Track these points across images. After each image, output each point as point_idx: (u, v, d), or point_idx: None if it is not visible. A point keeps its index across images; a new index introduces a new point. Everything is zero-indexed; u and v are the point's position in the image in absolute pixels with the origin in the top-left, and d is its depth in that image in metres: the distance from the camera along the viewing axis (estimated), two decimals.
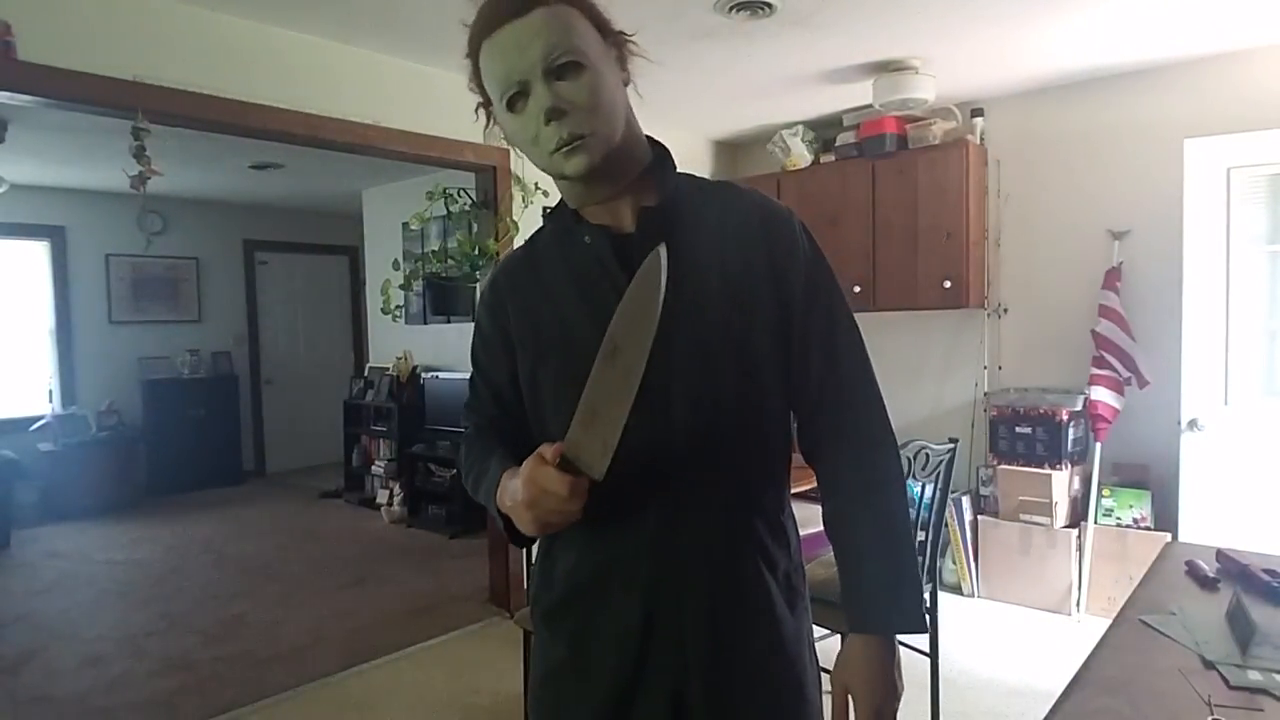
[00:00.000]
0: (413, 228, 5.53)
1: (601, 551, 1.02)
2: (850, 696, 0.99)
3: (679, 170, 1.07)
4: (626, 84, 1.03)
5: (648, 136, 1.06)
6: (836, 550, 1.05)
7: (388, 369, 5.99)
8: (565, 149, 0.93)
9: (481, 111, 1.03)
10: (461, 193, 3.73)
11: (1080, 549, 3.57)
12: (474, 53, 0.97)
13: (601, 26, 0.99)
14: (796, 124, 4.41)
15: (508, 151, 3.67)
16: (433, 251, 3.88)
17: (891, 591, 1.00)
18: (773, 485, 1.06)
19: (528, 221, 3.77)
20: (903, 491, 1.04)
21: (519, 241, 4.26)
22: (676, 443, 0.98)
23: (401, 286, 4.12)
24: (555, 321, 1.04)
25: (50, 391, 6.17)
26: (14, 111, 3.88)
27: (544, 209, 3.85)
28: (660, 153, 1.06)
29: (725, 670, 1.00)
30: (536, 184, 3.76)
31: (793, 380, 1.04)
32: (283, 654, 3.41)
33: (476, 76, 0.99)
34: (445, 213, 3.71)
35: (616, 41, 1.02)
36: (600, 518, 0.98)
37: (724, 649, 1.00)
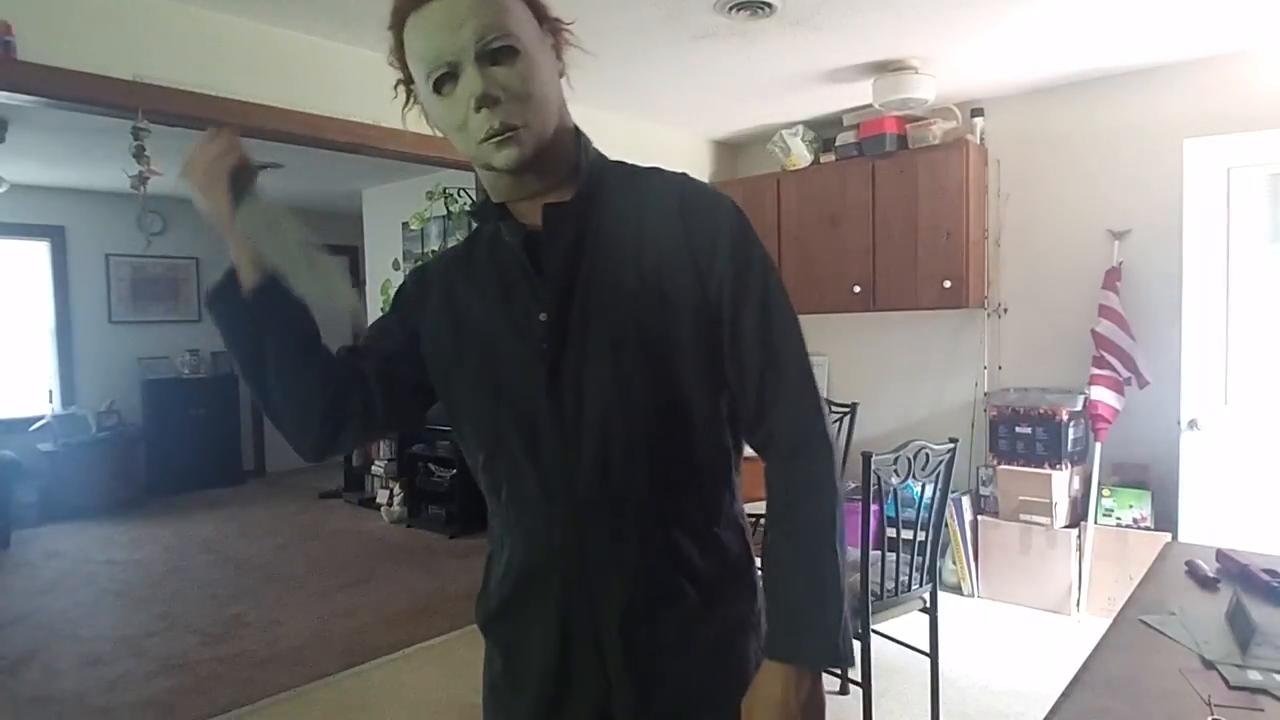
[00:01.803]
0: (413, 228, 5.54)
1: (523, 562, 0.99)
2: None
3: (618, 160, 1.03)
4: (562, 74, 0.97)
5: (575, 129, 1.00)
6: (762, 564, 0.98)
7: None
8: (495, 139, 0.88)
9: (401, 89, 0.97)
10: (461, 193, 3.73)
11: (1080, 549, 3.57)
12: (398, 25, 0.91)
13: (538, 11, 0.94)
14: (796, 124, 4.41)
15: None
16: (433, 251, 3.88)
17: (802, 617, 0.91)
18: (700, 494, 0.98)
19: None
20: (831, 503, 0.94)
21: None
22: (586, 453, 0.93)
23: None
24: (477, 322, 1.00)
25: (50, 391, 6.17)
26: (14, 111, 3.88)
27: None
28: (582, 144, 1.00)
29: (647, 685, 0.96)
30: None
31: (730, 385, 0.97)
32: (283, 654, 3.41)
33: (398, 51, 0.93)
34: (445, 213, 3.72)
35: (553, 28, 0.96)
36: (521, 525, 0.99)
37: (642, 664, 0.95)
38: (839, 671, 2.78)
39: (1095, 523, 3.55)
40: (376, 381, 1.02)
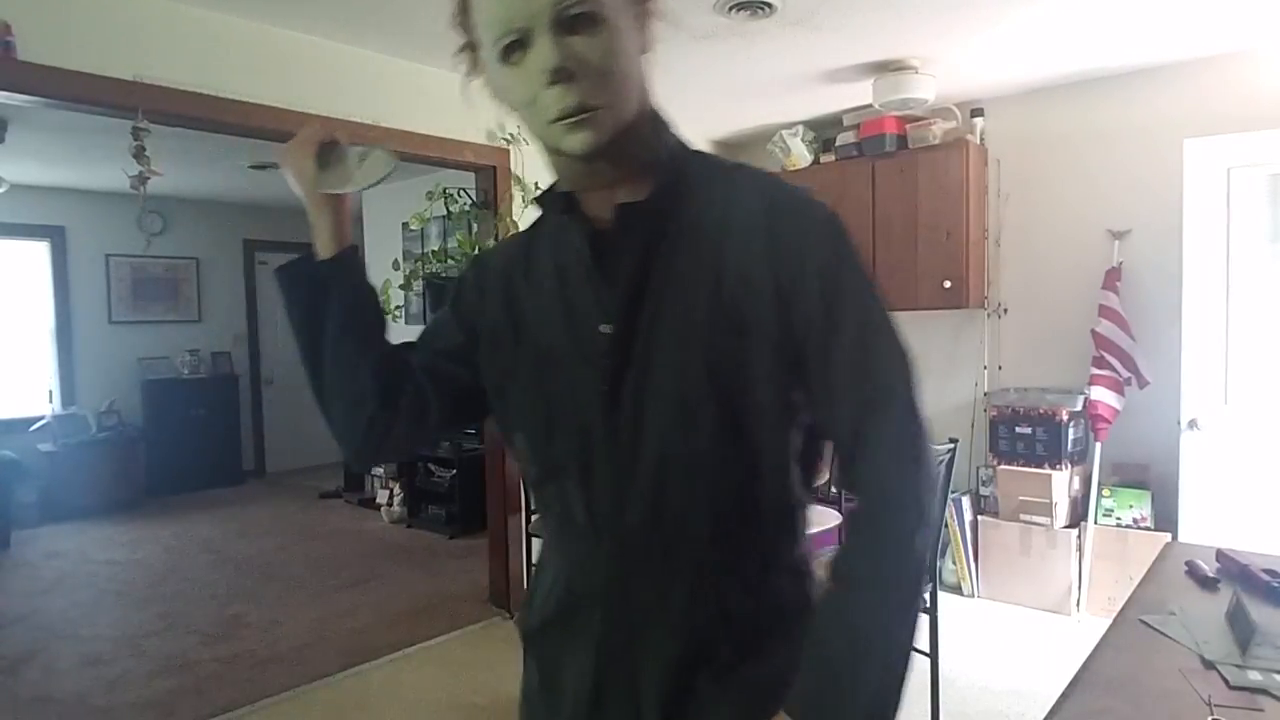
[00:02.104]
0: (413, 228, 5.53)
1: (566, 589, 0.91)
2: None
3: (699, 150, 0.91)
4: (646, 50, 0.84)
5: (658, 112, 0.88)
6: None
7: None
8: (568, 120, 0.76)
9: (466, 55, 0.87)
10: (461, 193, 3.73)
11: (1080, 549, 3.57)
12: None
13: None
14: (796, 124, 4.41)
15: (508, 151, 3.67)
16: (432, 251, 3.88)
17: (835, 683, 0.78)
18: (759, 541, 0.87)
19: (528, 221, 3.75)
20: (907, 574, 0.80)
21: None
22: (639, 487, 0.83)
23: (401, 286, 4.13)
24: (533, 329, 0.90)
25: (50, 391, 6.17)
26: (14, 111, 3.88)
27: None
28: (671, 134, 0.89)
29: None
30: (536, 184, 3.75)
31: (819, 420, 0.84)
32: (283, 654, 3.40)
33: (462, 13, 0.83)
34: (445, 213, 3.71)
35: None
36: (567, 550, 0.92)
37: (674, 715, 0.86)
38: None
39: (1095, 523, 3.55)
40: (428, 378, 0.95)
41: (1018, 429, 3.68)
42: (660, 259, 0.83)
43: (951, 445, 2.49)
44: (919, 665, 2.68)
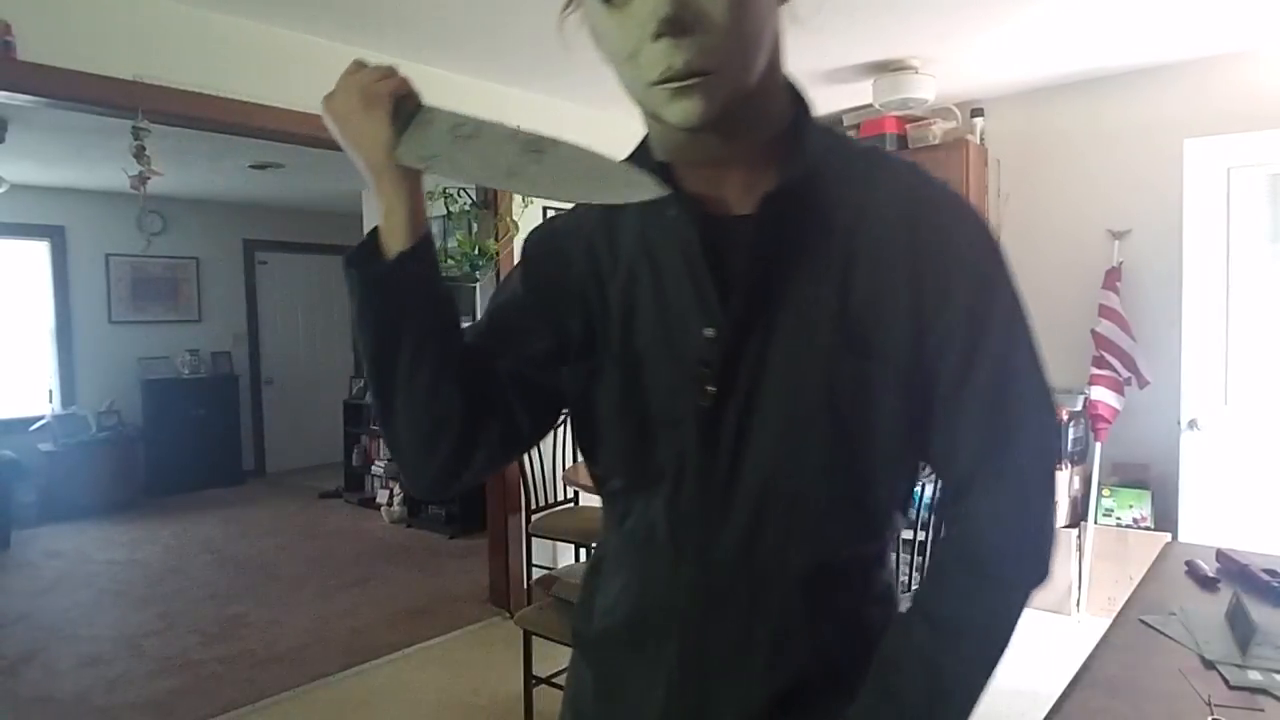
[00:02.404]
0: None
1: (636, 608, 0.81)
2: None
3: (827, 127, 0.75)
4: (782, 1, 0.69)
5: (790, 81, 0.74)
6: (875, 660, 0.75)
7: None
8: (675, 84, 0.63)
9: None
10: (461, 192, 3.73)
11: (1080, 549, 3.57)
12: None
13: None
14: None
15: None
16: None
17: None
18: (854, 578, 0.79)
19: (528, 221, 3.76)
20: (1007, 631, 0.72)
21: (518, 240, 4.22)
22: (734, 519, 0.74)
23: None
24: (623, 314, 0.77)
25: (50, 391, 6.17)
26: (14, 111, 3.88)
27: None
28: (800, 109, 0.74)
29: None
30: None
31: (934, 454, 0.75)
32: (283, 654, 3.41)
33: None
34: (445, 212, 3.71)
35: None
36: (641, 569, 0.81)
37: None
38: None
39: (1095, 523, 3.55)
40: (518, 392, 0.80)
41: None
42: (783, 260, 0.71)
43: None
44: None
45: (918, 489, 2.61)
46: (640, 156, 0.76)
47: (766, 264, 0.71)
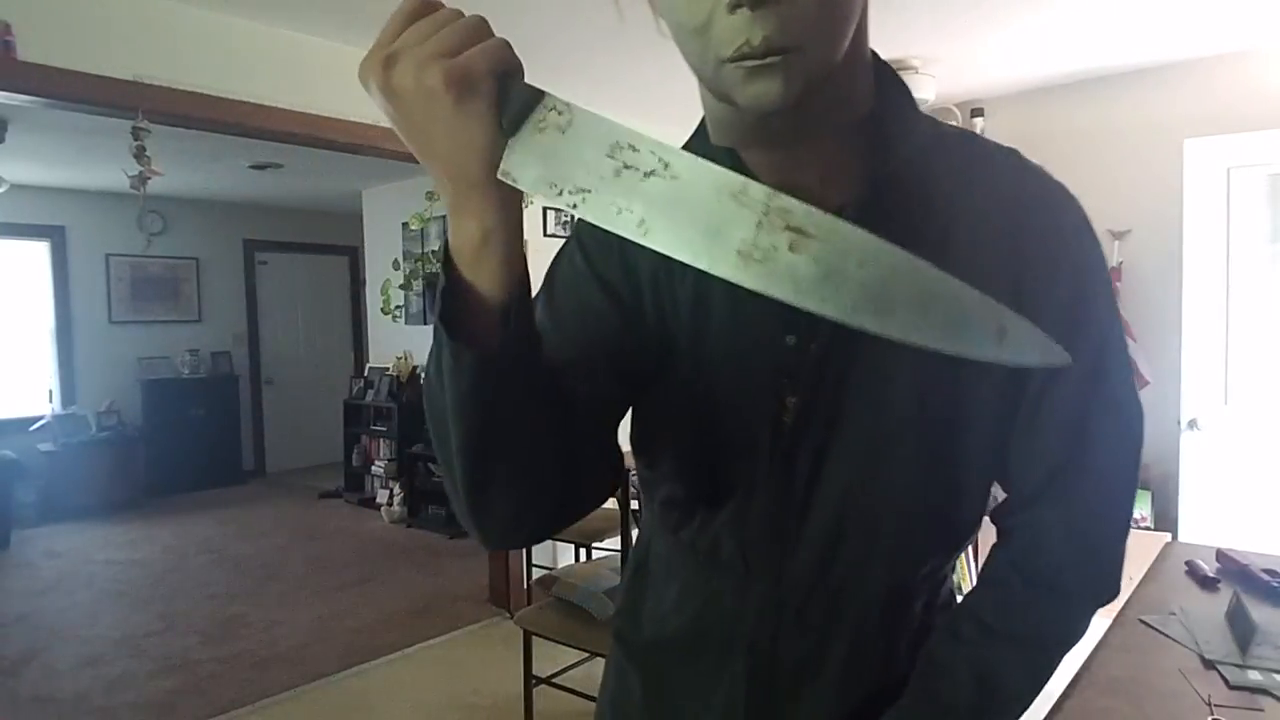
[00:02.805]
0: (413, 228, 5.54)
1: (695, 623, 0.77)
2: None
3: (919, 111, 0.67)
4: None
5: (875, 58, 0.66)
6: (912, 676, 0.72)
7: (388, 369, 6.00)
8: (753, 62, 0.53)
9: None
10: None
11: None
12: None
13: None
14: None
15: None
16: (433, 251, 3.88)
17: None
18: (927, 593, 0.75)
19: (528, 221, 3.74)
20: (1045, 668, 0.70)
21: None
22: (809, 539, 0.70)
23: (401, 286, 4.13)
24: (692, 314, 0.69)
25: (50, 391, 6.17)
26: (14, 111, 3.88)
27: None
28: (890, 89, 0.66)
29: None
30: None
31: (1010, 462, 0.70)
32: (283, 654, 3.41)
33: None
34: (445, 213, 3.71)
35: None
36: (701, 584, 0.76)
37: None
38: None
39: None
40: (610, 417, 0.69)
41: None
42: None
43: None
44: None
45: None
46: (699, 142, 0.68)
47: None
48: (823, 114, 0.61)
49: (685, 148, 0.59)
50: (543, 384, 0.58)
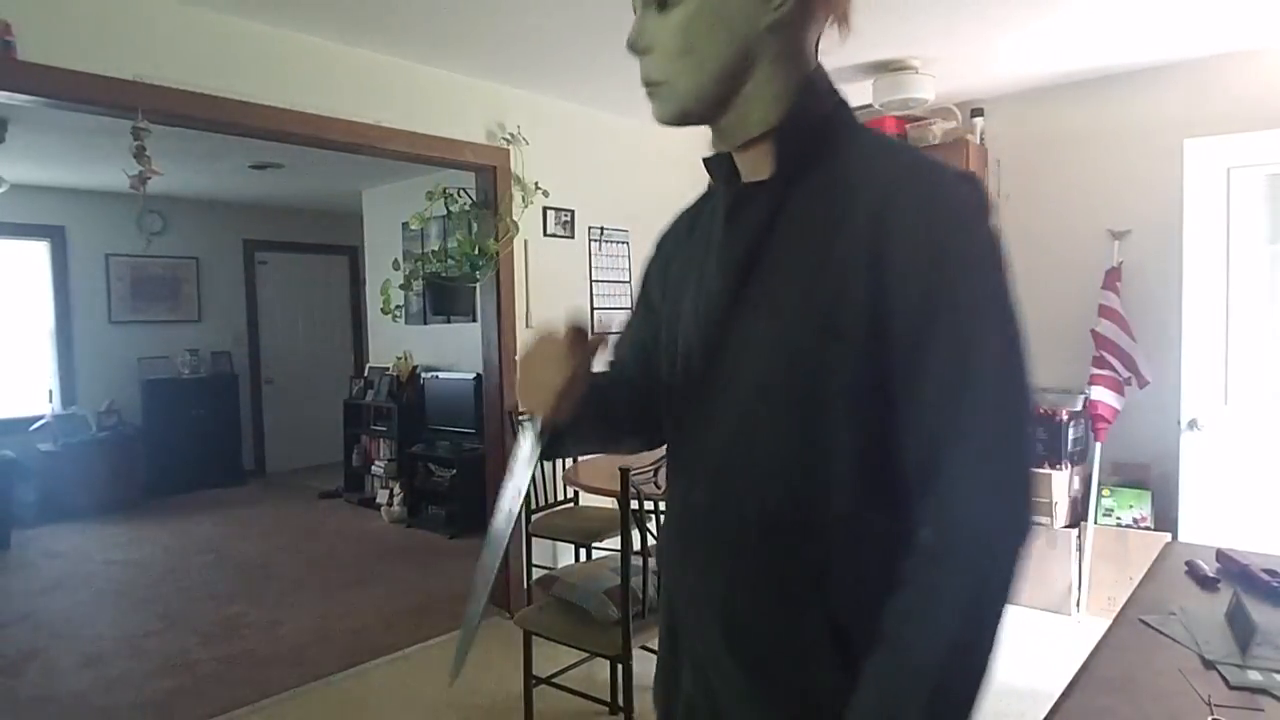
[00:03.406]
0: (413, 228, 5.53)
1: (663, 603, 0.96)
2: None
3: (856, 124, 0.82)
4: (784, 25, 0.77)
5: (811, 83, 0.81)
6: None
7: (388, 369, 6.00)
8: (645, 91, 0.83)
9: None
10: (461, 192, 3.72)
11: (1080, 549, 3.57)
12: None
13: None
14: None
15: (507, 151, 3.67)
16: (433, 251, 3.87)
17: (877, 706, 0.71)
18: (806, 555, 0.78)
19: (528, 221, 3.77)
20: (951, 637, 0.71)
21: (518, 240, 4.19)
22: (705, 468, 0.85)
23: (401, 286, 4.12)
24: (677, 283, 0.93)
25: (50, 391, 6.17)
26: (14, 111, 3.88)
27: (534, 188, 3.86)
28: (810, 106, 0.80)
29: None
30: (536, 184, 3.75)
31: (901, 449, 0.74)
32: (283, 654, 3.40)
33: None
34: (445, 213, 3.71)
35: None
36: (672, 486, 0.93)
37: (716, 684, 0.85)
38: None
39: (1095, 523, 3.55)
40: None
41: None
42: (773, 241, 0.79)
43: None
44: None
45: None
46: (717, 152, 0.88)
47: (751, 245, 0.80)
48: (732, 128, 0.82)
49: (711, 149, 0.87)
50: (607, 430, 1.00)
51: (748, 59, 0.78)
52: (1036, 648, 3.31)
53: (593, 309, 4.18)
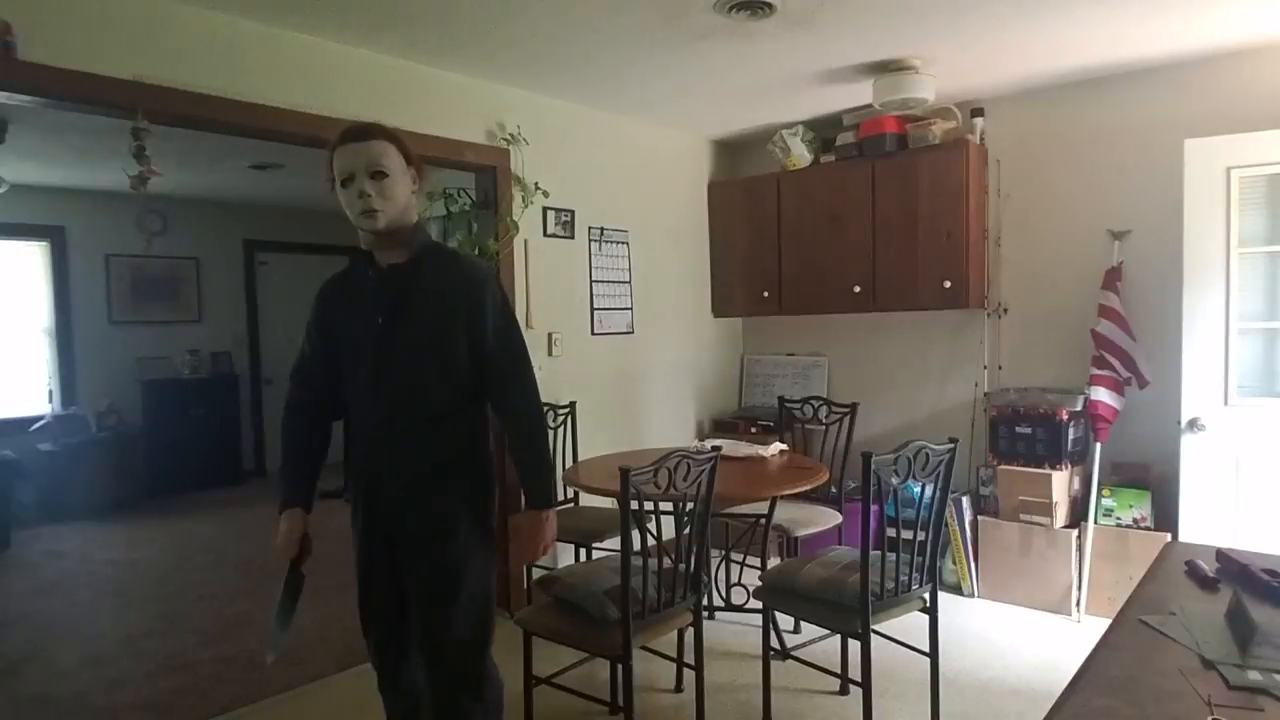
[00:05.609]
0: None
1: (358, 428, 2.00)
2: (514, 534, 1.99)
3: (435, 242, 1.97)
4: (415, 190, 1.90)
5: (416, 220, 1.93)
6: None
7: None
8: (366, 213, 1.79)
9: (333, 185, 1.87)
10: (461, 193, 3.72)
11: (1080, 549, 3.57)
12: (331, 151, 1.83)
13: (407, 156, 1.86)
14: (796, 124, 4.41)
15: (508, 151, 3.67)
16: None
17: (530, 481, 1.93)
18: (447, 424, 1.89)
19: (528, 221, 3.77)
20: (537, 415, 1.96)
21: (518, 240, 4.21)
22: (391, 386, 1.87)
23: None
24: (348, 326, 1.92)
25: (50, 391, 6.17)
26: (14, 111, 3.88)
27: (534, 188, 3.87)
28: (419, 227, 1.93)
29: (409, 526, 1.98)
30: (536, 184, 3.75)
31: (484, 375, 1.90)
32: (283, 654, 3.40)
33: (329, 164, 1.84)
34: (445, 213, 3.71)
35: (416, 164, 1.89)
36: (358, 414, 1.97)
37: (408, 527, 1.99)
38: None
39: (1095, 523, 3.55)
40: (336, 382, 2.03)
41: (1018, 429, 3.68)
42: (410, 292, 1.87)
43: (951, 445, 2.48)
44: (919, 665, 2.68)
45: (916, 489, 2.61)
46: (359, 251, 1.93)
47: (397, 295, 1.87)
48: (395, 240, 1.88)
49: (356, 252, 1.96)
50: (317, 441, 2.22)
51: (409, 202, 1.88)
52: (1036, 648, 3.31)
53: (593, 309, 4.18)
